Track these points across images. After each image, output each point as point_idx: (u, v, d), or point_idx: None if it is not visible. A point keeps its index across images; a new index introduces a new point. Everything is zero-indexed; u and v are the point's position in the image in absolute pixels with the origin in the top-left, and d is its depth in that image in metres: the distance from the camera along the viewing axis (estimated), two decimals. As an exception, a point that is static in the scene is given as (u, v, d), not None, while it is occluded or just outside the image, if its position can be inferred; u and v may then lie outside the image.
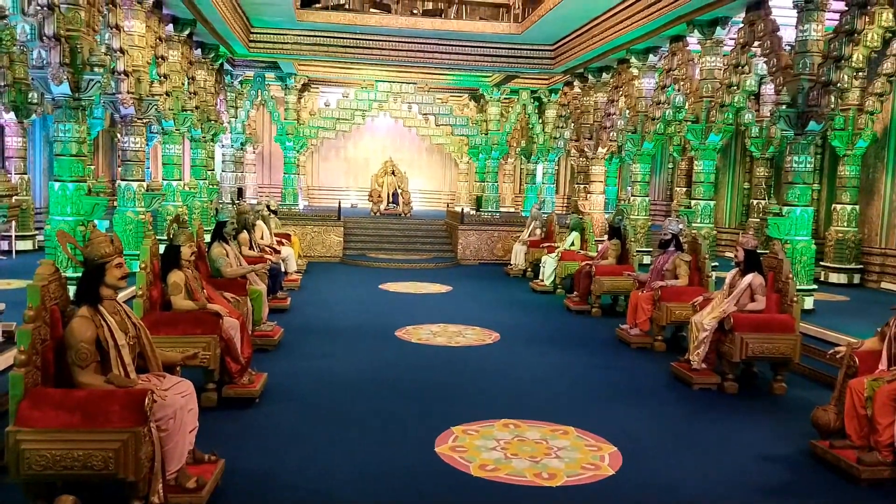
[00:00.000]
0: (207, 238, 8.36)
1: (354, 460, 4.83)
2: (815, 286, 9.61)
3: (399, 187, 20.82)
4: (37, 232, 14.15)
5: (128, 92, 10.27)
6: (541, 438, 5.30)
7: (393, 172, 20.97)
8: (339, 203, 19.12)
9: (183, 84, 13.03)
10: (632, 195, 14.63)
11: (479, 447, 5.09)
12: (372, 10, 16.67)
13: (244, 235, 9.94)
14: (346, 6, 16.83)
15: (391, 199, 20.70)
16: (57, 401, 3.58)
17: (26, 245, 13.84)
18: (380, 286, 12.74)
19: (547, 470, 4.72)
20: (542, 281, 12.74)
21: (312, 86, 23.03)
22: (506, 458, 4.91)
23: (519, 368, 7.50)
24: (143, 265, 5.73)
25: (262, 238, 11.29)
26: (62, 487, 3.70)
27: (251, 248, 10.03)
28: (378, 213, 20.11)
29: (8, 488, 3.80)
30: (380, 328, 9.06)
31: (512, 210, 24.40)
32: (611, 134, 15.66)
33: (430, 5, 17.24)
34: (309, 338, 8.39)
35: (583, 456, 4.99)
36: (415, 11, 16.91)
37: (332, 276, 13.88)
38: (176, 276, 5.89)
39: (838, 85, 8.51)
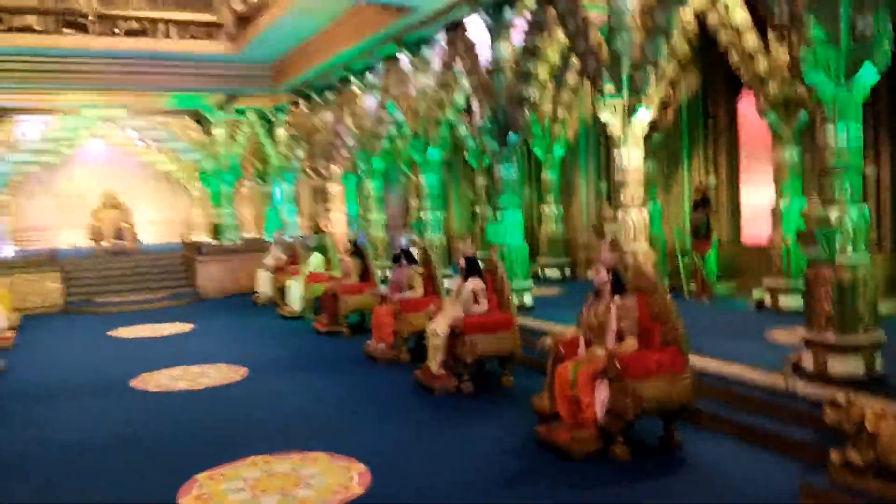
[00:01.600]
0: None
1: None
2: (532, 283, 10.68)
3: (124, 221, 19.30)
4: None
5: None
6: (291, 470, 5.30)
7: (114, 206, 19.38)
8: (54, 246, 17.23)
9: None
10: (367, 212, 15.08)
11: (226, 490, 4.95)
12: (65, 29, 15.28)
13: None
14: (35, 28, 15.24)
15: (116, 236, 19.11)
16: None
17: None
18: (109, 333, 11.74)
19: (297, 502, 4.74)
20: (290, 306, 12.65)
21: (5, 116, 20.44)
22: (254, 497, 4.83)
23: (268, 401, 7.40)
24: None
25: (-44, 298, 9.86)
26: None
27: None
28: (102, 253, 18.46)
29: None
30: (111, 381, 8.37)
31: (255, 236, 23.81)
32: (342, 152, 16.00)
33: (134, 24, 16.22)
34: (27, 403, 7.50)
35: (333, 479, 5.08)
36: (116, 31, 15.82)
37: (53, 328, 12.51)
38: None
39: (530, 99, 9.53)
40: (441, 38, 11.39)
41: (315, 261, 12.84)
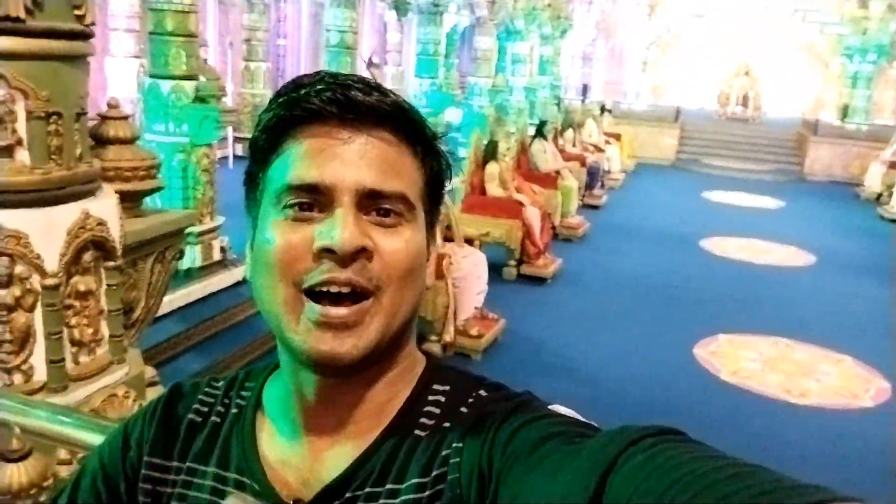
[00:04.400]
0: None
1: (617, 344, 5.45)
2: None
3: (751, 90, 19.48)
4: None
5: (484, -6, 11.35)
6: (808, 360, 5.33)
7: (746, 73, 19.63)
8: (679, 105, 18.65)
9: (535, -16, 13.76)
10: None
11: (739, 356, 5.32)
12: None
13: (569, 133, 10.66)
14: None
15: (740, 102, 19.51)
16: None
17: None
18: (703, 193, 12.59)
19: (799, 388, 4.82)
20: (893, 206, 11.38)
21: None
22: (761, 370, 5.10)
23: (819, 293, 7.23)
24: (469, 155, 6.84)
25: (589, 136, 11.90)
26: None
27: (574, 145, 10.73)
28: (723, 117, 19.19)
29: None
30: (685, 235, 9.21)
31: (890, 123, 21.19)
32: None
33: None
34: (612, 235, 8.96)
35: (845, 384, 4.95)
36: None
37: (658, 179, 14.00)
38: (491, 167, 6.89)
39: None
40: None
41: (941, 163, 11.06)
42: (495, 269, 6.38)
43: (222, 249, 5.05)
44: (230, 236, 5.37)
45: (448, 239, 5.13)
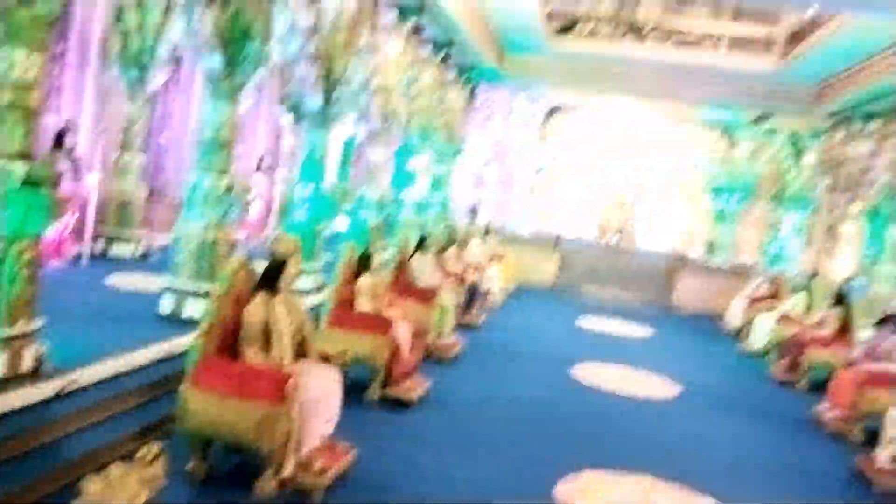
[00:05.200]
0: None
1: (478, 478, 5.11)
2: None
3: (627, 222, 20.51)
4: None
5: (378, 107, 11.46)
6: (668, 502, 5.15)
7: (621, 205, 20.72)
8: (560, 232, 19.22)
9: (431, 103, 14.13)
10: (877, 262, 13.07)
11: (601, 495, 5.09)
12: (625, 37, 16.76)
13: (452, 250, 10.63)
14: (600, 34, 16.97)
15: (616, 234, 20.46)
16: (221, 369, 4.32)
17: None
18: (577, 320, 12.75)
19: (659, 535, 4.61)
20: (752, 342, 11.86)
21: (557, 112, 23.40)
22: (623, 511, 4.87)
23: (683, 428, 7.23)
24: (340, 267, 6.55)
25: (472, 256, 11.94)
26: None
27: (456, 263, 10.70)
28: (599, 246, 19.98)
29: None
30: (557, 361, 9.15)
31: (749, 261, 22.69)
32: (870, 190, 14.13)
33: (687, 37, 16.85)
34: (484, 358, 8.77)
35: (705, 531, 4.78)
36: (669, 41, 16.71)
37: (535, 303, 14.12)
38: (363, 280, 6.61)
39: None
40: None
41: (796, 301, 11.71)
42: (356, 391, 6.00)
43: (37, 359, 4.41)
44: (54, 343, 4.71)
45: (301, 355, 4.73)
